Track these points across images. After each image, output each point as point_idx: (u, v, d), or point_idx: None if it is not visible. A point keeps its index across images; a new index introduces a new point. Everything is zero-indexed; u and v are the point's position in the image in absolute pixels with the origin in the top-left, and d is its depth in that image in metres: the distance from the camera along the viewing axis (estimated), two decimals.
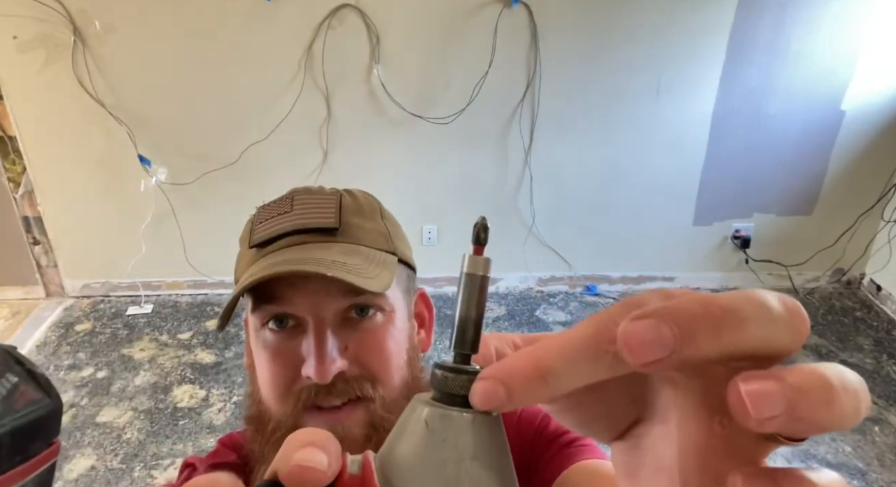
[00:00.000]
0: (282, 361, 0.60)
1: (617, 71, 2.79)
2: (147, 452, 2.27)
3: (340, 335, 0.60)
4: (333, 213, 0.63)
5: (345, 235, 0.63)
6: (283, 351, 0.60)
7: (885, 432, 2.34)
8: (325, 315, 0.59)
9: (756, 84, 2.82)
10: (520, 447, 0.69)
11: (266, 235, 0.62)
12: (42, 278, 3.18)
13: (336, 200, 0.64)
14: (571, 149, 2.95)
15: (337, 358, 0.58)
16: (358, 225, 0.65)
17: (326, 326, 0.59)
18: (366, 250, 0.63)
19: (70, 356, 2.78)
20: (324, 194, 0.66)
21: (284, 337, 0.60)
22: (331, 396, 0.59)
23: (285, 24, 2.66)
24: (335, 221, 0.62)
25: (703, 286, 3.26)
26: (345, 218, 0.64)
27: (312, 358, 0.58)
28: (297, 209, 0.63)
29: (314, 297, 0.59)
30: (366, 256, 0.62)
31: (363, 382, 0.60)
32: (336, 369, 0.58)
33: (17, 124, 2.83)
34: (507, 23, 2.67)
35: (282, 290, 0.59)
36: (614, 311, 0.22)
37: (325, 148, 2.90)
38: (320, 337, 0.58)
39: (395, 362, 0.63)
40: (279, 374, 0.61)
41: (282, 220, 0.63)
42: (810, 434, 0.20)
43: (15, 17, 2.61)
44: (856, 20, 2.71)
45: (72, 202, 3.01)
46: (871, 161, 2.98)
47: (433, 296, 3.64)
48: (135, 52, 2.71)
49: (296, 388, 0.60)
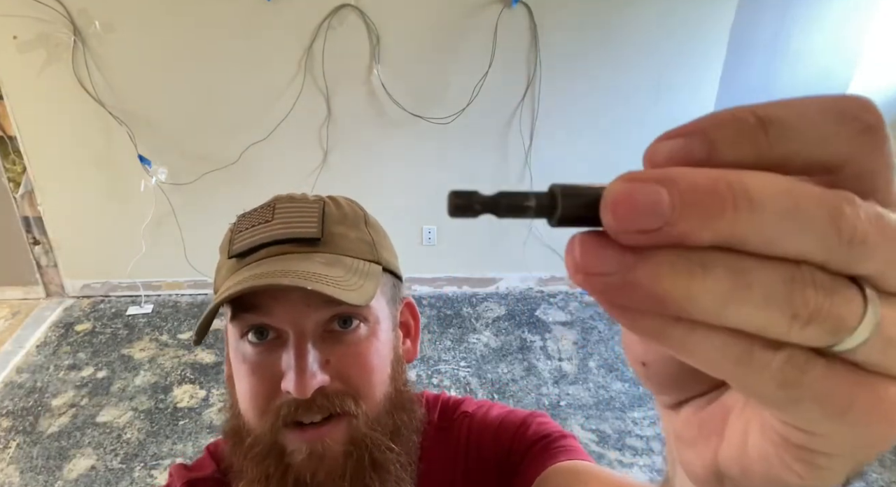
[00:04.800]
0: (261, 375, 0.59)
1: (617, 71, 2.80)
2: (147, 452, 2.27)
3: (322, 348, 0.58)
4: (316, 223, 0.61)
5: (327, 245, 0.61)
6: (263, 365, 0.59)
7: None
8: (306, 327, 0.58)
9: (756, 84, 2.82)
10: (498, 453, 0.69)
11: (245, 245, 0.61)
12: (42, 278, 3.18)
13: (319, 209, 0.63)
14: (571, 149, 2.95)
15: (317, 373, 0.56)
16: (341, 234, 0.63)
17: (307, 339, 0.57)
18: (349, 260, 0.61)
19: (70, 356, 2.78)
20: (306, 202, 0.64)
21: (264, 350, 0.59)
22: (311, 412, 0.57)
23: (285, 24, 2.66)
24: (317, 231, 0.61)
25: None
26: (328, 227, 0.62)
27: (292, 373, 0.56)
28: (279, 218, 0.61)
29: (295, 309, 0.57)
30: (348, 267, 0.60)
31: (345, 398, 0.58)
32: (317, 384, 0.56)
33: (17, 124, 2.83)
34: (507, 23, 2.67)
35: (262, 301, 0.57)
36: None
37: (325, 148, 2.90)
38: (300, 351, 0.57)
39: (379, 377, 0.61)
40: (258, 389, 0.59)
41: (262, 230, 0.61)
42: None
43: (15, 17, 2.61)
44: (856, 20, 2.71)
45: (72, 202, 3.01)
46: None
47: (433, 296, 3.61)
48: (135, 52, 2.71)
49: (275, 403, 0.58)
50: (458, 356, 2.74)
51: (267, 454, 0.59)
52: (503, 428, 0.70)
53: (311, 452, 0.58)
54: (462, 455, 0.71)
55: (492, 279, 3.24)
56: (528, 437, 0.68)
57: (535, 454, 0.66)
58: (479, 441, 0.71)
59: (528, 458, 0.66)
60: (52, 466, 2.21)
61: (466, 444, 0.71)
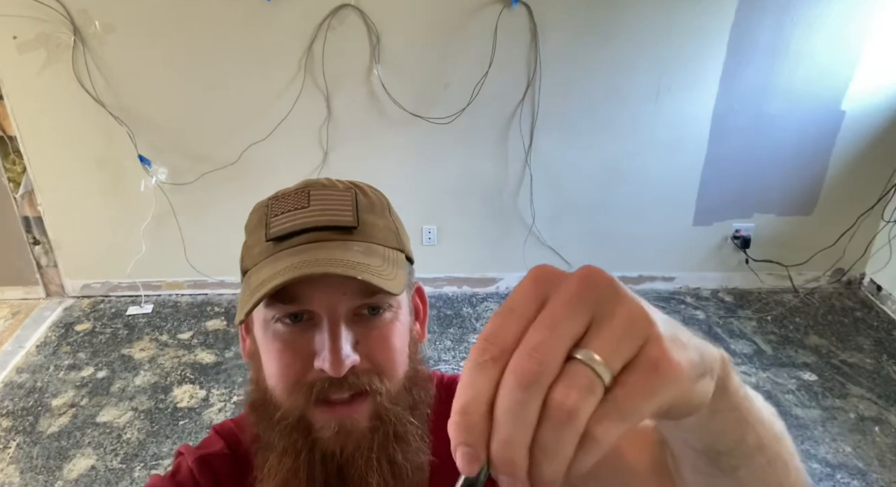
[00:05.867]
0: (293, 353, 0.62)
1: (617, 71, 2.79)
2: (147, 452, 2.27)
3: (353, 331, 0.62)
4: (351, 211, 0.64)
5: (362, 234, 0.64)
6: (296, 344, 0.62)
7: (885, 432, 2.34)
8: (340, 311, 0.61)
9: (756, 84, 2.82)
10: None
11: (284, 230, 0.63)
12: (42, 278, 3.18)
13: (352, 197, 0.65)
14: (571, 149, 2.95)
15: (350, 354, 0.60)
16: (372, 223, 0.66)
17: (341, 321, 0.61)
18: (381, 249, 0.64)
19: (70, 356, 2.78)
20: (337, 190, 0.67)
21: (297, 331, 0.62)
22: (342, 389, 0.61)
23: (285, 25, 2.66)
24: (353, 220, 0.63)
25: (703, 286, 3.26)
26: (361, 216, 0.65)
27: (327, 352, 0.59)
28: (315, 205, 0.64)
29: (331, 295, 0.60)
30: (383, 256, 0.63)
31: (371, 376, 0.62)
32: (350, 363, 0.60)
33: (17, 124, 2.83)
34: (507, 23, 2.67)
35: (301, 290, 0.60)
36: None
37: (325, 148, 2.90)
38: (335, 333, 0.60)
39: (401, 357, 0.66)
40: (291, 366, 0.62)
41: (300, 216, 0.63)
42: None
43: (15, 17, 2.61)
44: (856, 20, 2.71)
45: (72, 202, 3.01)
46: (871, 161, 2.98)
47: (433, 296, 3.63)
48: (135, 52, 2.71)
49: (306, 380, 0.61)
50: (459, 356, 2.74)
51: (294, 427, 0.63)
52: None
53: (339, 428, 0.62)
54: None
55: (492, 279, 3.24)
56: None
57: None
58: None
59: None
60: (52, 466, 2.21)
61: None
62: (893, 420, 2.40)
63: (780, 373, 2.65)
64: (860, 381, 2.60)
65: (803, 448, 2.26)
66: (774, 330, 2.94)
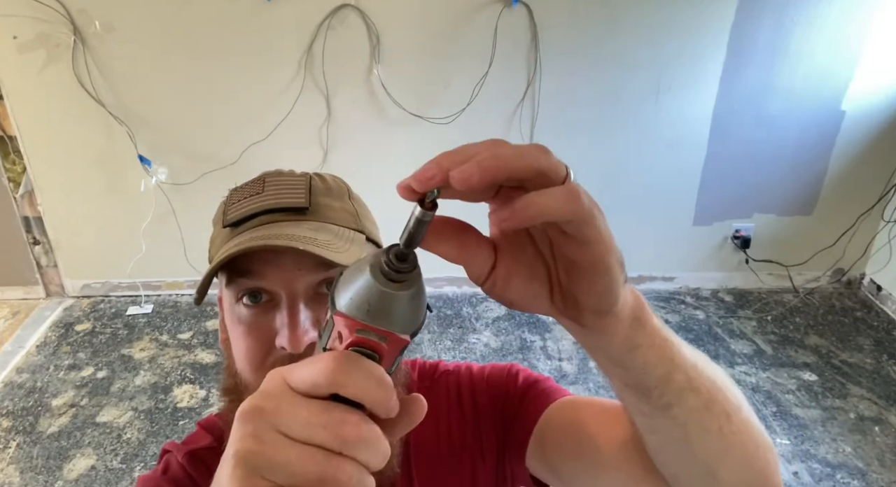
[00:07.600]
0: (256, 335, 0.63)
1: (617, 71, 2.79)
2: (147, 452, 2.27)
3: (312, 308, 0.62)
4: (304, 194, 0.66)
5: (314, 214, 0.66)
6: (258, 325, 0.62)
7: (885, 432, 2.34)
8: (298, 289, 0.62)
9: (756, 84, 2.82)
10: (494, 400, 0.77)
11: (239, 215, 0.65)
12: (42, 278, 3.18)
13: (306, 182, 0.68)
14: (571, 149, 2.95)
15: (309, 330, 0.60)
16: (326, 204, 0.67)
17: (299, 299, 0.61)
18: (335, 228, 0.65)
19: (70, 356, 2.78)
20: (294, 176, 0.69)
21: (258, 312, 0.63)
22: None
23: (285, 25, 2.66)
24: (305, 201, 0.65)
25: (703, 286, 3.26)
26: (314, 198, 0.66)
27: (286, 330, 0.60)
28: (269, 190, 0.66)
29: (287, 272, 0.61)
30: (335, 233, 0.64)
31: None
32: (308, 339, 0.60)
33: (17, 124, 2.83)
34: (507, 23, 2.67)
35: (255, 265, 0.61)
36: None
37: (325, 148, 2.90)
38: (293, 310, 0.61)
39: None
40: (254, 347, 0.63)
41: (254, 201, 0.66)
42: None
43: (15, 17, 2.61)
44: (856, 20, 2.71)
45: (72, 202, 3.01)
46: (871, 161, 2.98)
47: (433, 296, 3.60)
48: (135, 52, 2.71)
49: (270, 360, 0.62)
50: (459, 356, 2.74)
51: None
52: (494, 379, 0.79)
53: None
54: (455, 407, 0.77)
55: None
56: (521, 384, 0.76)
57: (531, 398, 0.74)
58: (472, 392, 0.78)
59: (526, 402, 0.74)
60: (52, 466, 2.21)
61: (458, 396, 0.78)
62: (893, 420, 2.40)
63: (780, 373, 2.65)
64: (860, 381, 2.60)
65: (803, 449, 2.26)
66: (774, 330, 2.94)
